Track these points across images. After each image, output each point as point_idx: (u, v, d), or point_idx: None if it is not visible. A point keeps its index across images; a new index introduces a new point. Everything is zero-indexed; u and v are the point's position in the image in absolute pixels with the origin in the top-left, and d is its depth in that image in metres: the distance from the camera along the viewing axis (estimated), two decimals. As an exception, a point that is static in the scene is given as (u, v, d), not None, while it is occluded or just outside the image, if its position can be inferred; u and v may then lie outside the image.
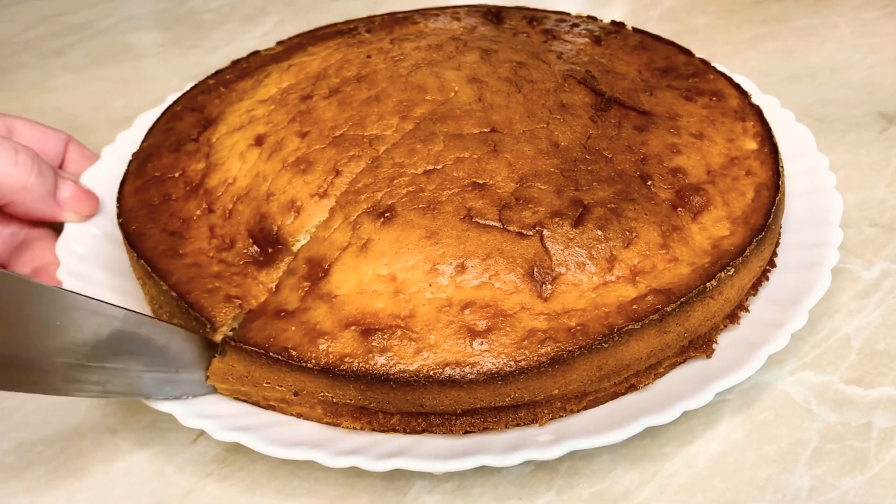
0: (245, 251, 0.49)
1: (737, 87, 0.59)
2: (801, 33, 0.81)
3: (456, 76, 0.55)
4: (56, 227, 0.56)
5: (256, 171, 0.52)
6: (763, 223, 0.49)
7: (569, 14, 0.67)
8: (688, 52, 0.63)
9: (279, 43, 0.67)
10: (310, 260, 0.47)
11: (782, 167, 0.53)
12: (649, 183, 0.50)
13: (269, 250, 0.48)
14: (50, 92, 0.82)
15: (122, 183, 0.55)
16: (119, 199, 0.53)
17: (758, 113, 0.57)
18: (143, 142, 0.58)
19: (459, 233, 0.46)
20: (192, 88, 0.62)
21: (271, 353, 0.44)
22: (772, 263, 0.52)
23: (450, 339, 0.43)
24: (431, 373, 0.43)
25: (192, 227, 0.51)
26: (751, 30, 0.82)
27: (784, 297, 0.49)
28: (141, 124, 0.62)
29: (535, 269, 0.45)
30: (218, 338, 0.45)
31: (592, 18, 0.66)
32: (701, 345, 0.47)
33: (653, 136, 0.53)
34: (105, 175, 0.58)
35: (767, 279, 0.51)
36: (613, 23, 0.65)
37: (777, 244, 0.53)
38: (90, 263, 0.53)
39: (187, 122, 0.58)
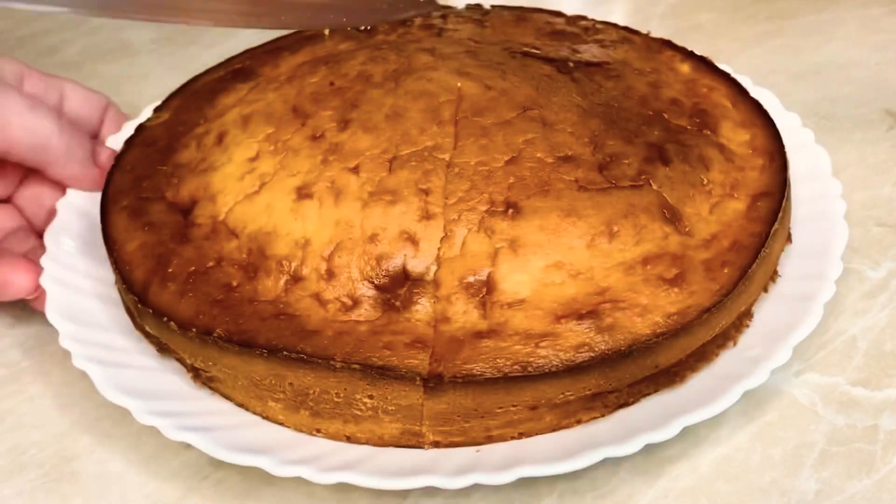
0: (375, 301, 0.46)
1: (614, 25, 0.64)
2: (807, 30, 0.81)
3: (445, 74, 0.55)
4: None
5: (334, 219, 0.48)
6: (767, 118, 0.56)
7: (434, 3, 0.66)
8: (559, 14, 0.65)
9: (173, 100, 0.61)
10: (461, 279, 0.46)
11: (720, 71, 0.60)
12: (666, 116, 0.54)
13: (400, 290, 0.46)
14: (44, 89, 0.82)
15: (153, 292, 0.48)
16: (169, 313, 0.47)
17: (645, 36, 0.63)
18: (124, 247, 0.51)
19: (590, 202, 0.48)
20: (139, 183, 0.55)
21: (509, 375, 0.43)
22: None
23: (656, 294, 0.45)
24: (663, 329, 0.44)
25: (295, 306, 0.46)
26: (756, 26, 0.82)
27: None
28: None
29: (665, 212, 0.48)
30: (430, 383, 0.43)
31: (448, 7, 0.66)
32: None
33: (628, 81, 0.57)
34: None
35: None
36: (469, 7, 0.66)
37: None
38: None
39: (168, 218, 0.51)
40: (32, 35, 0.90)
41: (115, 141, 0.61)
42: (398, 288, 0.46)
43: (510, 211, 0.47)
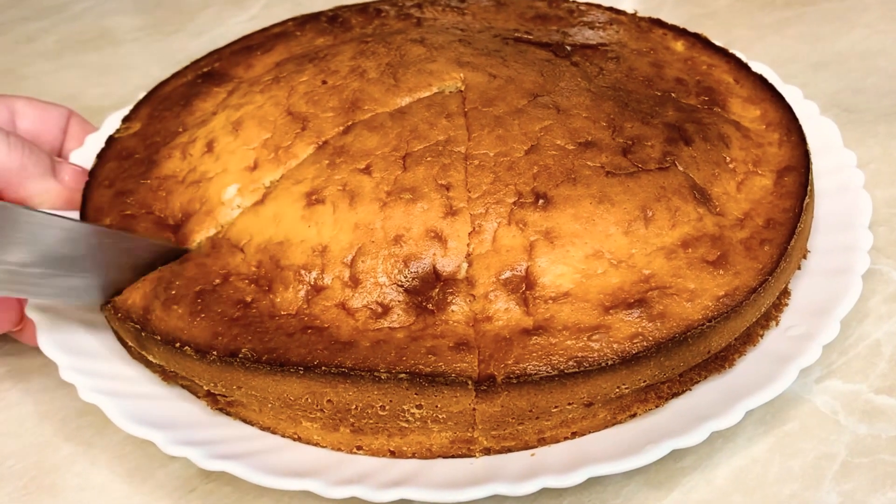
0: (407, 306, 0.46)
1: (597, 6, 0.66)
2: (828, 17, 0.81)
3: (445, 65, 0.55)
4: None
5: (352, 223, 0.47)
6: (774, 92, 0.57)
7: None
8: None
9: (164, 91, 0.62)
10: (497, 275, 0.46)
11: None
12: (674, 96, 0.55)
13: (431, 292, 0.46)
14: (22, 80, 0.82)
15: (157, 317, 0.47)
16: (181, 338, 0.46)
17: (632, 16, 0.65)
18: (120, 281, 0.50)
19: (621, 188, 0.48)
20: (122, 199, 0.53)
21: (565, 371, 0.43)
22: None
23: (701, 278, 0.46)
24: (714, 313, 0.45)
25: (322, 318, 0.46)
26: (774, 13, 0.82)
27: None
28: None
29: (695, 193, 0.49)
30: (482, 386, 0.43)
31: None
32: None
33: (629, 62, 0.58)
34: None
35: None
36: None
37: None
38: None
39: (148, 227, 0.51)
40: (9, 22, 0.91)
41: (80, 156, 0.59)
42: (429, 290, 0.46)
43: (540, 201, 0.47)
